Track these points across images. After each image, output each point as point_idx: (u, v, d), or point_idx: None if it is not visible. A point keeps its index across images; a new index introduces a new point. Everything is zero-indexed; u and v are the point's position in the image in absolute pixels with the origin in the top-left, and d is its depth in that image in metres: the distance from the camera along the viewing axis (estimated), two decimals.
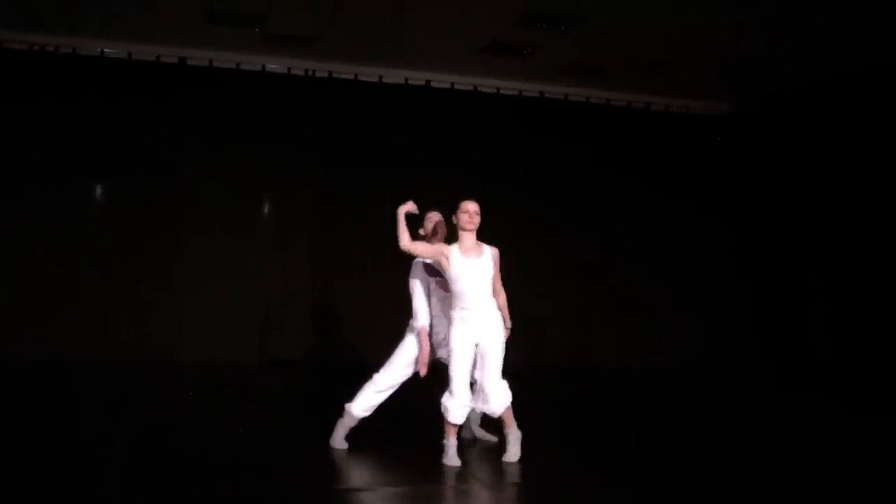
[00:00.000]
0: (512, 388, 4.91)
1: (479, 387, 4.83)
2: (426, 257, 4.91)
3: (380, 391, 5.09)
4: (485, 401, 4.82)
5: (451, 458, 4.73)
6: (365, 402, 5.07)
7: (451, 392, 4.74)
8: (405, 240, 4.74)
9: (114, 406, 6.28)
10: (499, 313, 4.84)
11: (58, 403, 6.35)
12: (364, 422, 5.08)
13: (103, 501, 3.86)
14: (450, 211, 4.93)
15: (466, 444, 5.36)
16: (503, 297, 4.91)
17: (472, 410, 4.98)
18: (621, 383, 8.82)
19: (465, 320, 4.74)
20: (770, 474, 4.71)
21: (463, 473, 4.69)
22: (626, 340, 10.01)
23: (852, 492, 4.39)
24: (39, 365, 7.83)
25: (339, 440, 5.06)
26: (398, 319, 6.14)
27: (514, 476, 4.68)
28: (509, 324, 4.89)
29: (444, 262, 4.79)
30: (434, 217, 5.26)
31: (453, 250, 4.78)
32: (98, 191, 8.92)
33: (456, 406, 4.72)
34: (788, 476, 4.67)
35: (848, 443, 5.68)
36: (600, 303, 10.16)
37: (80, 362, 8.11)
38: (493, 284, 4.85)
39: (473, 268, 4.74)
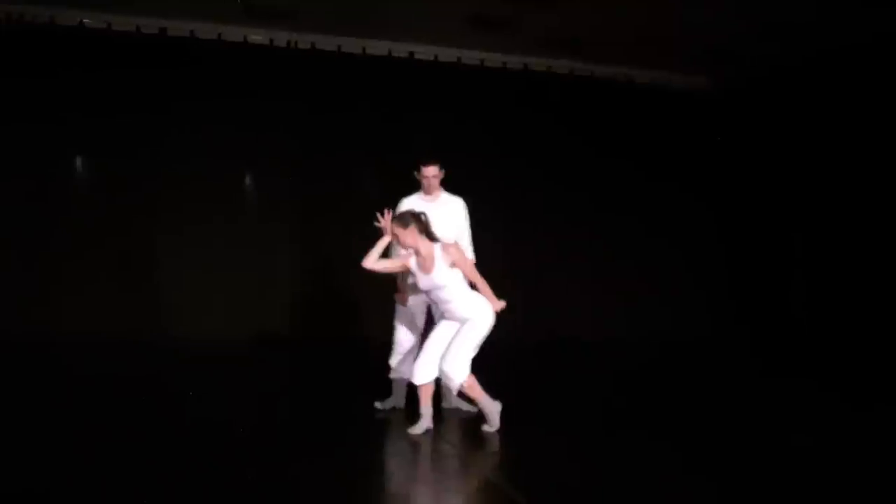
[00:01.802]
0: (490, 362, 4.99)
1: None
2: (393, 271, 5.04)
3: (406, 351, 5.43)
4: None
5: (423, 425, 4.85)
6: (404, 366, 5.40)
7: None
8: (369, 261, 4.88)
9: (101, 391, 6.02)
10: (476, 302, 4.87)
11: (43, 387, 6.12)
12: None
13: (97, 496, 3.78)
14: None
15: (446, 414, 5.45)
16: (481, 284, 4.94)
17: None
18: (602, 357, 8.82)
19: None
20: (745, 449, 4.79)
21: (440, 442, 4.77)
22: (606, 315, 9.99)
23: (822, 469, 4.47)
24: (24, 347, 7.59)
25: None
26: (381, 296, 6.17)
27: (492, 446, 4.77)
28: (498, 305, 4.91)
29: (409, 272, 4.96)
30: (429, 171, 5.32)
31: (412, 262, 4.89)
32: (77, 168, 8.77)
33: (417, 367, 4.90)
34: (765, 453, 4.65)
35: (828, 421, 5.66)
36: (581, 275, 10.13)
37: (63, 343, 7.86)
38: (468, 277, 4.91)
39: (427, 281, 4.84)
